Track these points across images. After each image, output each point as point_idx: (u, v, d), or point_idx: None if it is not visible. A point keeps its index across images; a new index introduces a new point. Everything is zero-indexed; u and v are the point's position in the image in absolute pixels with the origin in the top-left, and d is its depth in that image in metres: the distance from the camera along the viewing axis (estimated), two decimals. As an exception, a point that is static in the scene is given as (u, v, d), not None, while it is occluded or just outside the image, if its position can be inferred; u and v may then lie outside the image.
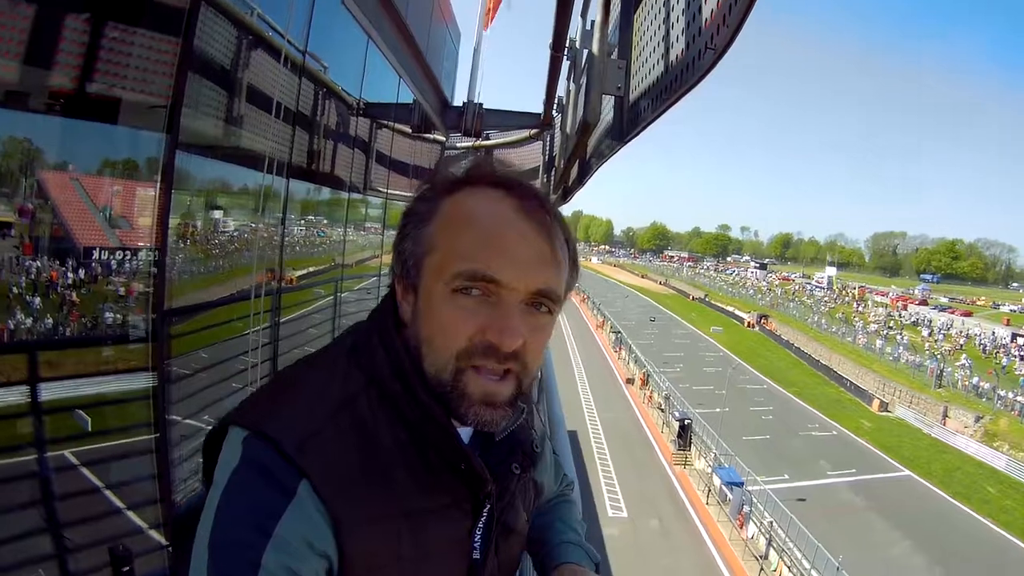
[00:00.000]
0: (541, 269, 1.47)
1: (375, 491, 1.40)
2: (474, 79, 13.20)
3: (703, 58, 2.98)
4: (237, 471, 1.32)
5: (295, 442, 1.33)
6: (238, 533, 1.27)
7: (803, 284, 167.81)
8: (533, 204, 1.50)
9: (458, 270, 1.43)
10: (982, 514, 50.22)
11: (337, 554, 1.33)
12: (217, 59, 5.22)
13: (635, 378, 79.13)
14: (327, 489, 1.32)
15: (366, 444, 1.43)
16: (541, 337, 1.53)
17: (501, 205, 1.49)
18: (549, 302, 1.51)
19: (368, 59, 8.56)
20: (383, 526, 1.40)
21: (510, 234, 1.46)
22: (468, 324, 1.43)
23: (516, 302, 1.45)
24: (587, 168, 7.98)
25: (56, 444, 4.33)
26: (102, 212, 4.52)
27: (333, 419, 1.41)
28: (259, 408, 1.46)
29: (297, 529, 1.28)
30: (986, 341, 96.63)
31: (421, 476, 1.49)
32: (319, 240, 9.12)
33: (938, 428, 69.57)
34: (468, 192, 1.53)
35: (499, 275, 1.42)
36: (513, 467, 1.74)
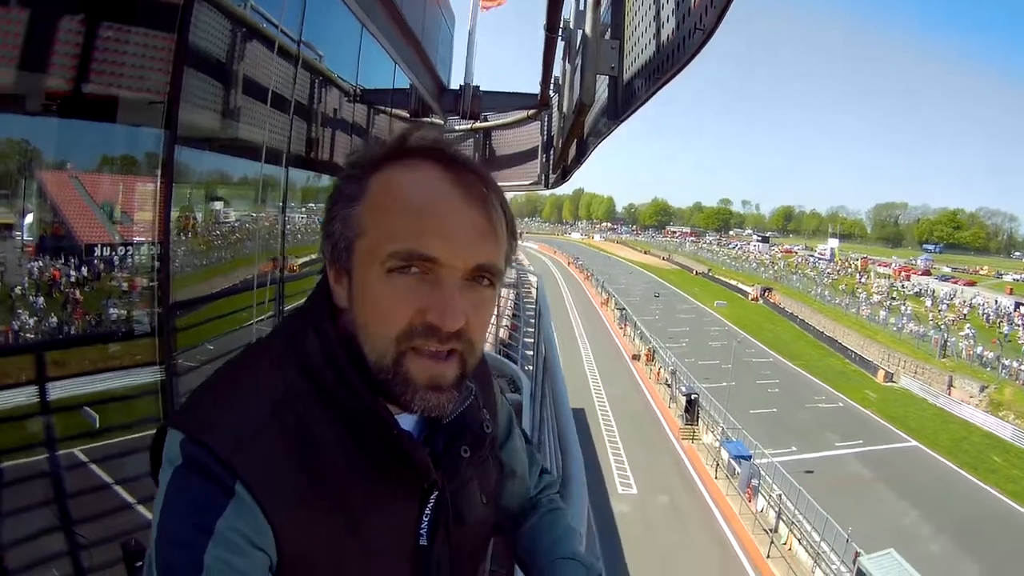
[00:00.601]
0: (480, 243, 1.43)
1: (310, 487, 1.40)
2: (470, 62, 13.26)
3: (693, 38, 3.03)
4: (176, 474, 1.34)
5: (229, 444, 1.33)
6: (180, 533, 1.29)
7: (806, 256, 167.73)
8: (467, 175, 1.45)
9: (392, 250, 1.39)
10: (989, 484, 50.21)
11: (276, 550, 1.35)
12: (213, 53, 5.22)
13: (641, 354, 79.32)
14: (261, 488, 1.33)
15: (301, 441, 1.42)
16: (484, 312, 1.50)
17: (433, 178, 1.43)
18: (491, 275, 1.48)
19: (363, 46, 8.54)
20: (319, 520, 1.40)
21: (444, 209, 1.41)
22: (406, 305, 1.40)
23: (456, 279, 1.41)
24: (585, 147, 8.02)
25: (66, 442, 4.35)
26: (103, 209, 4.53)
27: (268, 418, 1.40)
28: (196, 411, 1.46)
29: (236, 527, 1.29)
30: (989, 311, 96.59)
31: (360, 468, 1.48)
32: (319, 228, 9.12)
33: (943, 398, 69.62)
34: (397, 167, 1.46)
35: (436, 252, 1.38)
36: (462, 450, 1.70)
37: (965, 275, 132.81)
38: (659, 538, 38.00)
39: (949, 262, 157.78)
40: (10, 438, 4.05)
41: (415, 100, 11.69)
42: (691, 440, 54.31)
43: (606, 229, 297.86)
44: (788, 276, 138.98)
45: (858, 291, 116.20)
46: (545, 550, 2.04)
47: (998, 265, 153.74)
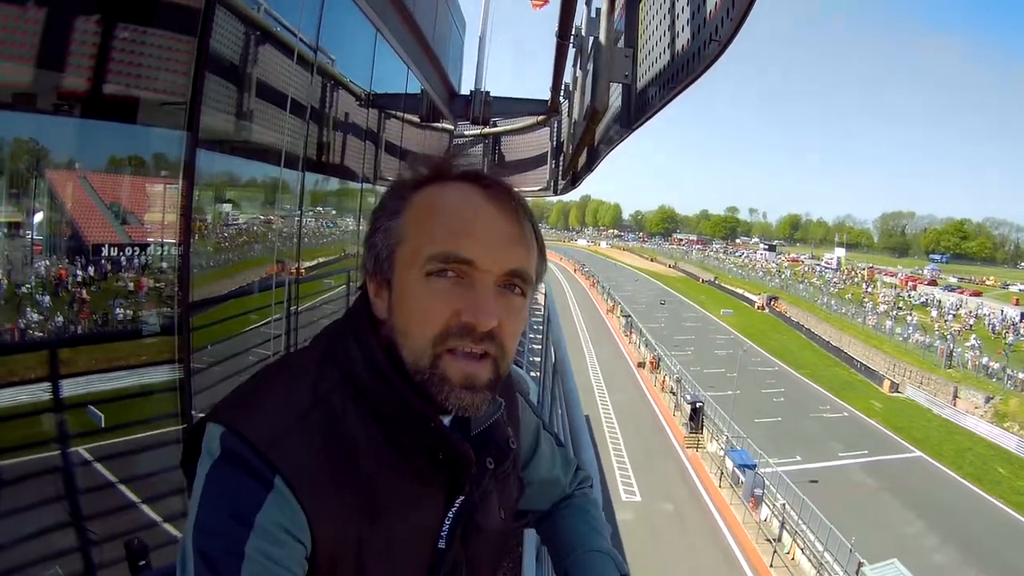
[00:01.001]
0: (513, 250, 1.51)
1: (344, 482, 1.44)
2: (481, 67, 13.30)
3: (708, 48, 3.06)
4: (216, 466, 1.37)
5: (268, 438, 1.38)
6: (221, 524, 1.31)
7: (812, 265, 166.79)
8: (500, 191, 1.54)
9: (430, 253, 1.46)
10: (994, 495, 49.96)
11: (311, 541, 1.38)
12: (233, 57, 5.28)
13: (646, 362, 79.01)
14: (297, 482, 1.36)
15: (337, 438, 1.46)
16: (516, 319, 1.55)
17: (469, 193, 1.53)
18: (522, 283, 1.54)
19: (377, 51, 8.59)
20: (350, 515, 1.44)
21: (480, 217, 1.50)
22: (443, 307, 1.46)
23: (490, 283, 1.48)
24: (596, 154, 8.05)
25: (77, 439, 4.38)
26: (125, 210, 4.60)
27: (305, 416, 1.45)
28: (236, 407, 1.49)
29: (275, 518, 1.33)
30: (995, 321, 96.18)
31: (393, 468, 1.52)
32: (334, 230, 9.20)
33: (948, 409, 69.26)
34: (437, 186, 1.56)
35: (471, 255, 1.45)
36: (487, 462, 1.73)
37: (971, 285, 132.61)
38: (662, 546, 37.84)
39: (956, 272, 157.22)
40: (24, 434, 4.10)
41: (426, 105, 11.70)
42: (695, 448, 54.19)
43: (612, 236, 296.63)
44: (794, 285, 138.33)
45: (864, 300, 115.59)
46: (577, 541, 2.13)
47: (1005, 275, 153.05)
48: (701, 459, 52.71)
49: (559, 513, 2.25)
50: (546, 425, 2.25)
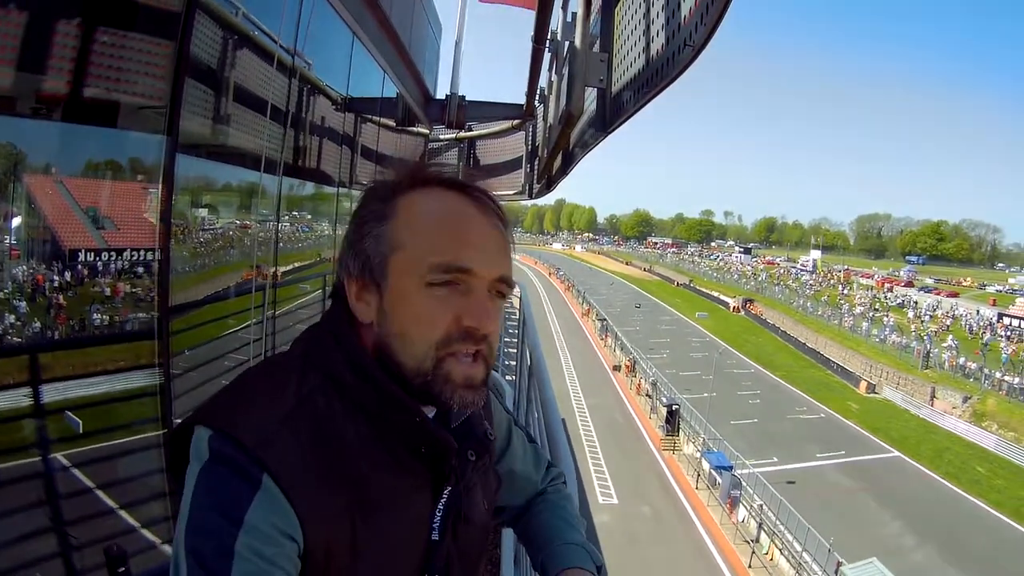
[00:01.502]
0: (502, 258, 1.63)
1: (333, 479, 1.48)
2: (456, 72, 13.31)
3: (682, 53, 3.09)
4: (205, 468, 1.39)
5: (255, 438, 1.41)
6: (210, 523, 1.34)
7: (788, 268, 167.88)
8: (484, 200, 1.66)
9: (433, 263, 1.53)
10: (973, 494, 50.35)
11: (302, 538, 1.40)
12: (212, 62, 5.26)
13: (621, 365, 79.20)
14: (286, 480, 1.39)
15: (324, 435, 1.49)
16: (501, 322, 1.69)
17: (459, 201, 1.63)
18: (506, 288, 1.66)
19: (354, 55, 8.63)
20: (341, 511, 1.48)
21: (475, 228, 1.60)
22: (445, 314, 1.54)
23: (484, 289, 1.58)
24: (571, 158, 8.08)
25: (62, 444, 4.34)
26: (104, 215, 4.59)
27: (291, 415, 1.48)
28: (221, 408, 1.52)
29: (265, 516, 1.35)
30: (972, 322, 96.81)
31: (380, 462, 1.57)
32: (311, 235, 9.19)
33: (926, 409, 69.79)
34: (423, 192, 1.64)
35: (470, 265, 1.55)
36: (469, 454, 1.80)
37: (948, 287, 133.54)
38: (640, 549, 37.93)
39: (932, 273, 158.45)
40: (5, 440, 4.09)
41: (402, 109, 11.71)
42: (672, 451, 54.43)
43: (587, 240, 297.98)
44: (770, 288, 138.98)
45: (840, 302, 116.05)
46: (553, 535, 2.18)
47: (981, 276, 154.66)
48: (678, 461, 52.97)
49: (534, 509, 2.30)
50: (516, 421, 2.32)
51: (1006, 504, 48.47)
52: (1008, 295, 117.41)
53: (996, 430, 61.19)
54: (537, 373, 5.06)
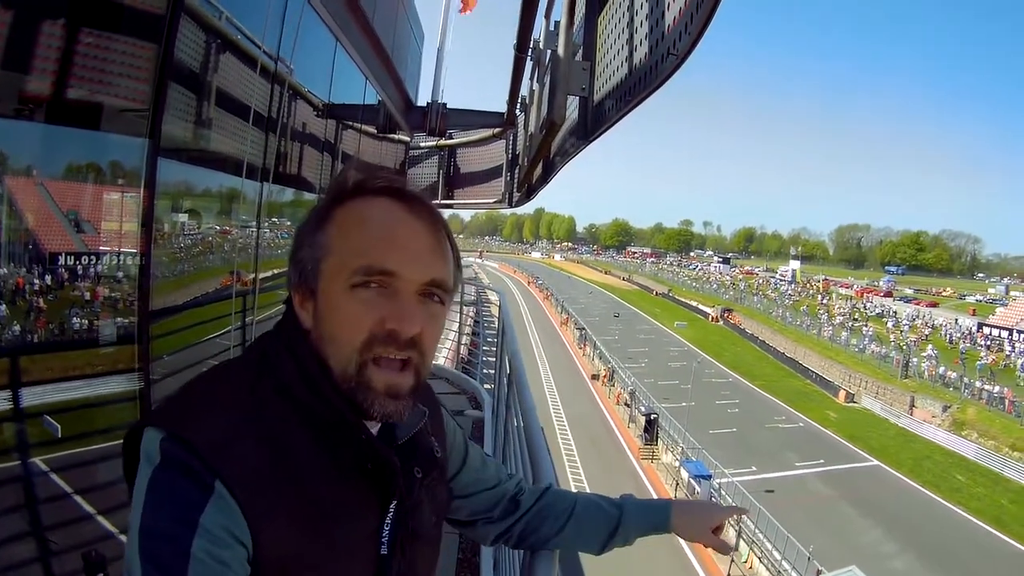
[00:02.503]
0: (432, 260, 1.60)
1: (285, 490, 1.47)
2: (438, 79, 13.38)
3: (665, 62, 3.10)
4: (159, 469, 1.39)
5: (209, 444, 1.40)
6: (165, 526, 1.34)
7: (767, 278, 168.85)
8: (419, 204, 1.63)
9: (356, 266, 1.53)
10: (953, 502, 50.68)
11: (252, 545, 1.40)
12: (195, 66, 5.25)
13: (600, 374, 79.51)
14: (238, 487, 1.39)
15: (275, 446, 1.49)
16: (436, 326, 1.64)
17: (390, 207, 1.60)
18: (441, 291, 1.63)
19: (336, 62, 8.65)
20: (291, 522, 1.47)
21: (401, 230, 1.58)
22: (368, 316, 1.53)
23: (412, 292, 1.56)
24: (551, 166, 8.09)
25: (40, 448, 4.28)
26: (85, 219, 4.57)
27: (244, 423, 1.48)
28: (174, 412, 1.51)
29: (219, 520, 1.35)
30: (952, 331, 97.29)
31: (329, 476, 1.56)
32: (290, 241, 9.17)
33: (905, 418, 70.29)
34: (359, 200, 1.62)
35: (394, 267, 1.53)
36: (415, 471, 1.80)
37: (928, 296, 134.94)
38: (620, 557, 37.23)
39: (912, 284, 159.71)
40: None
41: (383, 116, 11.80)
42: (651, 460, 54.65)
43: (567, 249, 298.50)
44: (749, 297, 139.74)
45: (820, 312, 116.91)
46: (568, 508, 2.41)
47: (961, 287, 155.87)
48: (656, 470, 53.21)
49: (535, 505, 2.39)
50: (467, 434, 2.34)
51: (986, 512, 48.86)
52: (988, 305, 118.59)
53: (976, 439, 61.62)
54: (517, 381, 5.05)
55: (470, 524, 2.36)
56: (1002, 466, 56.90)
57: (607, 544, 2.48)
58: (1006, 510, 49.35)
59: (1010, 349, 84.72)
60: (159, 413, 1.51)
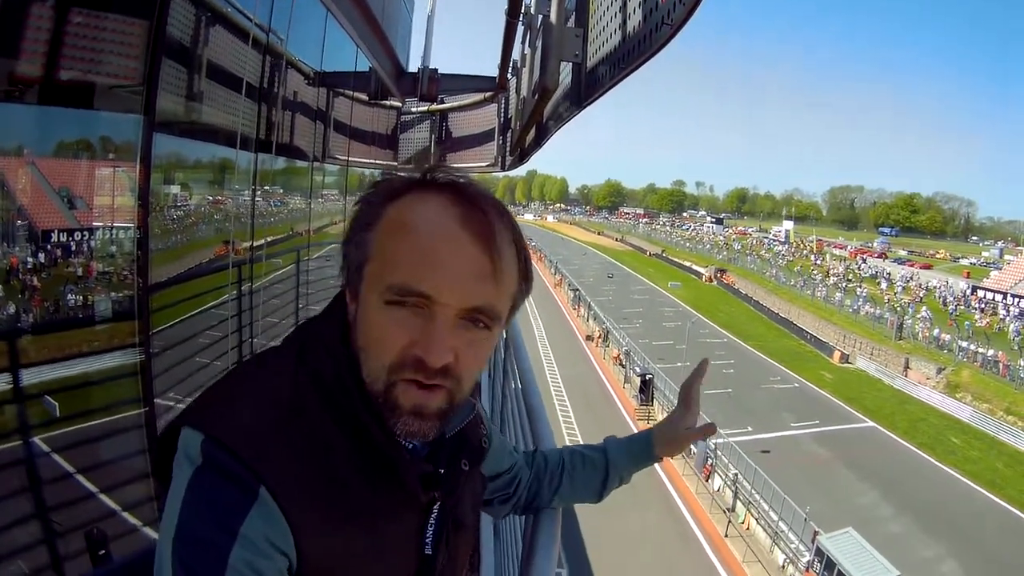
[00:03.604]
0: (478, 285, 1.42)
1: (328, 494, 1.43)
2: (428, 45, 13.34)
3: (660, 31, 3.08)
4: (198, 473, 1.34)
5: (251, 448, 1.35)
6: (204, 532, 1.29)
7: (760, 238, 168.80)
8: (478, 213, 1.43)
9: (390, 282, 1.40)
10: (948, 464, 50.45)
11: (296, 553, 1.37)
12: (187, 40, 5.27)
13: (594, 335, 79.60)
14: (282, 493, 1.34)
15: (316, 450, 1.44)
16: (477, 352, 1.50)
17: (443, 214, 1.43)
18: (487, 319, 1.47)
19: (327, 30, 8.68)
20: (336, 527, 1.43)
21: (447, 246, 1.40)
22: (399, 337, 1.41)
23: (450, 316, 1.41)
24: (545, 130, 8.08)
25: (42, 428, 4.36)
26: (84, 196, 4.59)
27: (286, 424, 1.42)
28: (214, 411, 1.45)
29: (260, 529, 1.30)
30: (946, 293, 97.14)
31: (370, 479, 1.51)
32: (283, 209, 9.27)
33: (900, 379, 70.04)
34: (414, 197, 1.47)
35: (431, 291, 1.38)
36: (463, 464, 1.78)
37: (921, 258, 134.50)
38: (617, 518, 37.56)
39: (905, 245, 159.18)
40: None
41: (375, 83, 11.80)
42: (647, 420, 54.19)
43: (559, 210, 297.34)
44: (743, 258, 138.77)
45: (814, 273, 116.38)
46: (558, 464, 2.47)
47: (955, 249, 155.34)
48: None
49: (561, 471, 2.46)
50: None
51: (982, 475, 48.67)
52: (982, 268, 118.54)
53: (971, 401, 61.35)
54: (513, 345, 5.06)
55: (487, 503, 2.32)
56: (997, 430, 56.73)
57: (604, 490, 2.55)
58: (1001, 474, 49.20)
59: (1004, 313, 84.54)
60: (197, 412, 1.46)
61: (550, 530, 2.31)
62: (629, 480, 2.61)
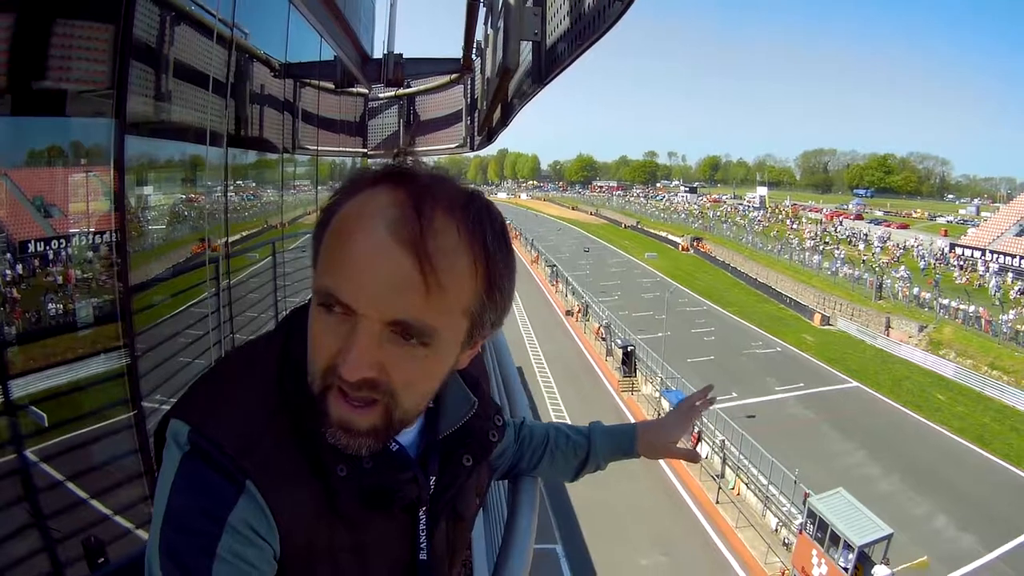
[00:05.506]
0: (399, 296, 1.27)
1: (313, 487, 1.42)
2: (392, 30, 13.29)
3: (612, 8, 3.17)
4: (186, 461, 1.34)
5: (239, 441, 1.35)
6: (190, 520, 1.29)
7: (735, 205, 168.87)
8: (411, 215, 1.28)
9: (318, 285, 1.33)
10: (935, 421, 50.62)
11: (279, 545, 1.37)
12: (154, 41, 5.29)
13: (574, 310, 79.97)
14: (267, 489, 1.34)
15: (304, 442, 1.42)
16: (413, 368, 1.37)
17: (377, 216, 1.29)
18: (418, 334, 1.32)
19: (291, 21, 8.75)
20: (321, 520, 1.43)
21: (367, 251, 1.28)
22: (328, 343, 1.34)
23: (374, 329, 1.29)
24: (510, 109, 8.14)
25: (31, 439, 4.36)
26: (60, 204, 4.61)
27: (273, 417, 1.42)
28: (201, 404, 1.45)
29: (246, 520, 1.30)
30: (925, 251, 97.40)
31: (355, 473, 1.47)
32: (256, 203, 9.38)
33: (882, 339, 70.49)
34: (366, 195, 1.35)
35: (346, 298, 1.29)
36: (464, 459, 1.73)
37: (898, 218, 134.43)
38: (606, 489, 37.61)
39: (881, 206, 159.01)
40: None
41: (340, 72, 11.85)
42: (631, 392, 54.99)
43: (532, 187, 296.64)
44: (718, 225, 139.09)
45: (790, 237, 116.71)
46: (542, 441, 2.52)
47: (932, 207, 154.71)
48: (637, 402, 53.50)
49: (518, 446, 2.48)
50: None
51: (969, 431, 48.79)
52: (959, 225, 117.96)
53: (954, 358, 61.58)
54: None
55: None
56: (982, 385, 57.03)
57: (579, 472, 2.60)
58: (988, 428, 49.41)
59: (983, 269, 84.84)
60: (185, 405, 1.45)
61: (531, 492, 2.38)
62: (605, 468, 2.66)
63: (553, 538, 32.31)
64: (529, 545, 2.18)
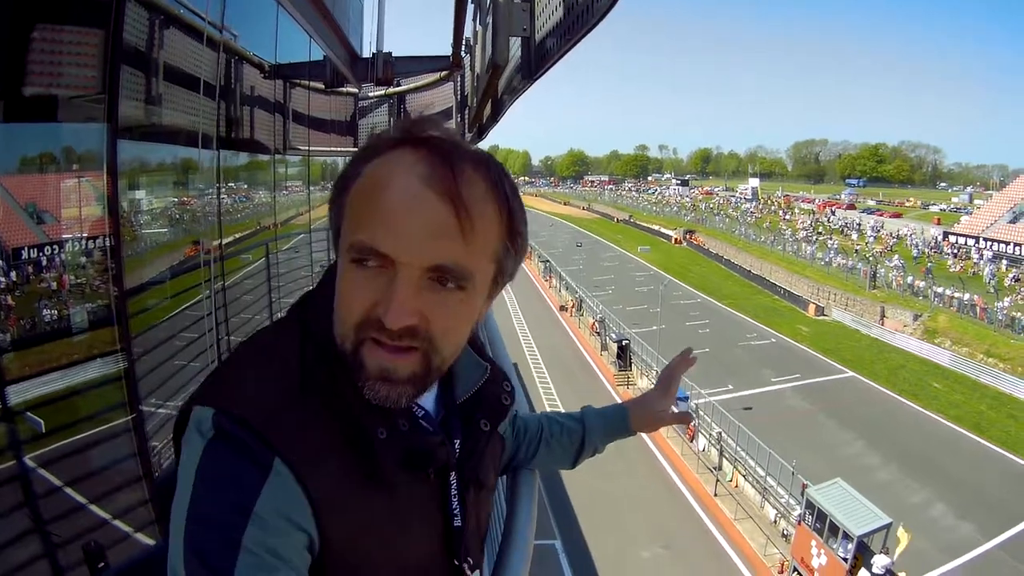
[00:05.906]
0: (440, 242, 1.32)
1: (344, 460, 1.39)
2: (381, 29, 13.26)
3: (600, 2, 3.17)
4: (209, 448, 1.30)
5: (263, 418, 1.32)
6: (216, 512, 1.24)
7: (727, 197, 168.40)
8: (444, 168, 1.33)
9: (352, 241, 1.34)
10: (931, 410, 50.51)
11: (316, 528, 1.32)
12: (144, 45, 5.30)
13: (568, 305, 79.85)
14: (298, 463, 1.31)
15: (331, 415, 1.40)
16: (451, 313, 1.40)
17: (409, 171, 1.34)
18: (454, 279, 1.36)
19: (279, 22, 8.78)
20: (354, 493, 1.40)
21: (404, 201, 1.31)
22: (364, 298, 1.34)
23: (414, 276, 1.32)
24: (500, 105, 8.12)
25: (29, 445, 4.34)
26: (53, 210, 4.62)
27: (297, 392, 1.40)
28: (223, 386, 1.43)
29: (275, 506, 1.26)
30: (918, 240, 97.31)
31: (383, 441, 1.45)
32: (248, 205, 9.39)
33: (877, 328, 70.44)
34: (389, 156, 1.39)
35: (385, 248, 1.31)
36: (482, 424, 1.75)
37: (890, 207, 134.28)
38: (604, 483, 37.76)
39: (873, 196, 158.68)
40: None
41: (330, 71, 11.77)
42: (626, 386, 54.70)
43: (524, 183, 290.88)
44: (711, 218, 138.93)
45: (783, 228, 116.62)
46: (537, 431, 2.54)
47: (925, 196, 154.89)
48: (633, 395, 52.52)
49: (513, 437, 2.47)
50: None
51: (966, 419, 48.65)
52: (952, 213, 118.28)
53: (949, 346, 61.48)
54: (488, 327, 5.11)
55: None
56: (978, 372, 57.01)
57: (578, 458, 2.62)
58: (985, 416, 49.30)
59: (977, 257, 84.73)
60: (207, 388, 1.43)
61: (529, 484, 2.40)
62: (603, 450, 2.68)
63: (552, 534, 31.99)
64: (530, 536, 2.18)
